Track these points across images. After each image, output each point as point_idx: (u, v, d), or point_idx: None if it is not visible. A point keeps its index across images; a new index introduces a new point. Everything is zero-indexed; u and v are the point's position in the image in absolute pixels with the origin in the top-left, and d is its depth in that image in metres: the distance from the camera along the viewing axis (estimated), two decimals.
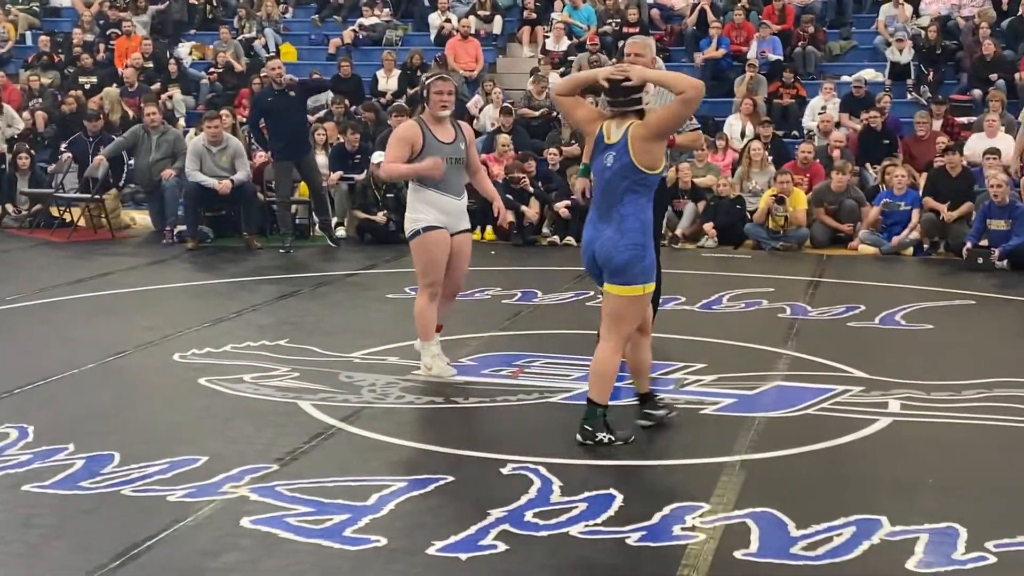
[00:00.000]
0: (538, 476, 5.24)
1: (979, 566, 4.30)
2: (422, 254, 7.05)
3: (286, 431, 5.98)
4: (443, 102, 7.07)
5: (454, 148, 7.11)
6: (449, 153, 7.07)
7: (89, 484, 5.17)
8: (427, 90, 7.11)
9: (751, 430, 6.02)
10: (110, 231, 13.77)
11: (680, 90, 5.65)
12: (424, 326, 7.10)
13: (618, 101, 5.73)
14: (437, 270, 7.06)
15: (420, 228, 7.02)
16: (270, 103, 12.76)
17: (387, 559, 4.37)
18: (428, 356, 7.10)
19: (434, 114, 7.10)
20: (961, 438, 5.94)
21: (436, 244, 7.03)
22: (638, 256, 5.64)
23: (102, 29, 20.43)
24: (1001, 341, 8.52)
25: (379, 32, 19.89)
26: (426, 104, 7.14)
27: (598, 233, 5.73)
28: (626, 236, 5.64)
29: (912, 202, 12.61)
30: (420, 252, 7.06)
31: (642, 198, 5.70)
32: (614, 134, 5.72)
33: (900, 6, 17.79)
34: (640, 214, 5.68)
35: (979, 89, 15.69)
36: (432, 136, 7.04)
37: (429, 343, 7.11)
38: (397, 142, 7.11)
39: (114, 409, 6.44)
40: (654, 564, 4.33)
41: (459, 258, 7.20)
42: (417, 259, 7.11)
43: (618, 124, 5.73)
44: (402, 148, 7.04)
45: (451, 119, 7.21)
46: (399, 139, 7.11)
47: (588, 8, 18.96)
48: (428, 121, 7.12)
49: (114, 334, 8.31)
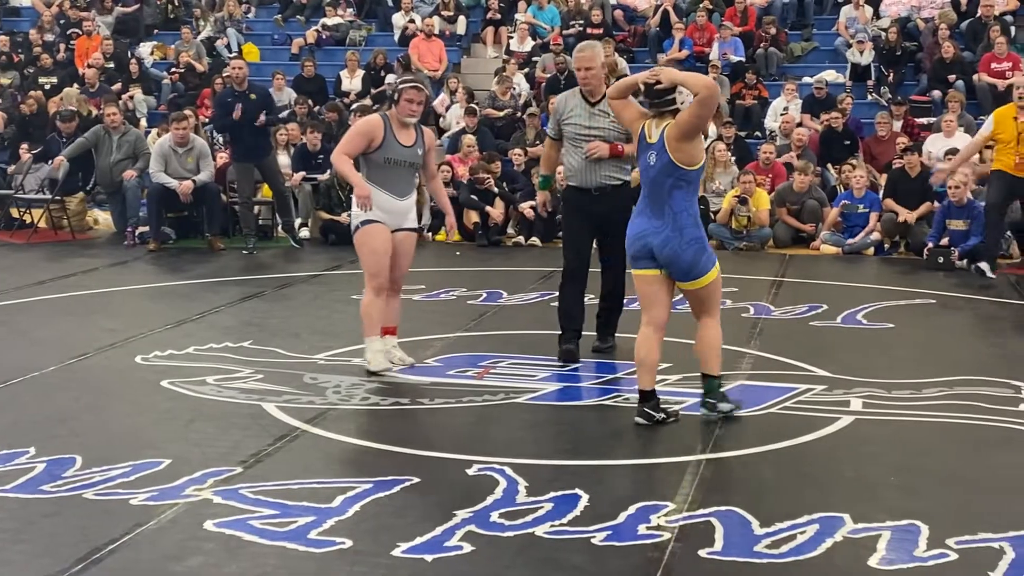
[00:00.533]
0: (504, 477, 5.24)
1: (940, 563, 4.34)
2: (362, 246, 7.15)
3: (250, 433, 5.95)
4: (412, 111, 7.13)
5: (412, 152, 7.16)
6: (406, 156, 7.13)
7: (51, 488, 5.12)
8: (399, 94, 7.12)
9: (715, 429, 6.05)
10: (71, 232, 13.65)
11: (695, 91, 5.97)
12: (369, 321, 7.17)
13: (654, 103, 6.10)
14: (379, 261, 7.13)
15: (359, 223, 7.11)
16: (230, 104, 12.69)
17: (352, 561, 4.35)
18: (370, 352, 7.18)
19: (401, 119, 7.12)
20: (922, 436, 6.00)
21: (373, 236, 7.10)
22: (700, 249, 6.05)
23: (62, 29, 20.27)
24: (961, 340, 8.61)
25: (343, 32, 19.84)
26: (395, 106, 7.14)
27: (651, 227, 6.08)
28: (684, 233, 6.01)
29: (871, 204, 12.72)
30: (360, 245, 7.17)
31: (688, 192, 6.08)
32: (654, 133, 6.09)
33: (860, 8, 17.94)
34: (690, 208, 6.08)
35: (938, 90, 15.84)
36: (393, 136, 7.06)
37: (372, 339, 7.17)
38: (356, 134, 7.15)
39: (76, 412, 6.39)
40: (620, 563, 4.35)
41: (399, 255, 7.27)
42: (359, 253, 7.21)
43: (657, 124, 6.10)
44: (360, 141, 7.08)
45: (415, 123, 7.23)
46: (358, 132, 7.15)
47: (552, 9, 18.99)
48: (393, 121, 7.14)
49: (75, 336, 8.24)
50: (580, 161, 7.37)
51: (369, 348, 7.18)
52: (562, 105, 7.47)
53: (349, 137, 7.19)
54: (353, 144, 7.11)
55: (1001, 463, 5.60)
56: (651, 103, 6.11)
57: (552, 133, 7.63)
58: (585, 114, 7.33)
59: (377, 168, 7.12)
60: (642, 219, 6.15)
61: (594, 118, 7.31)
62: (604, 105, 7.18)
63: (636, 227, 6.18)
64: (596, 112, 7.30)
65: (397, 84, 7.27)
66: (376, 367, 7.12)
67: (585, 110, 7.33)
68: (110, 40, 19.18)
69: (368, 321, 7.18)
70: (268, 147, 13.14)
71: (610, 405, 6.56)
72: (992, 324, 9.22)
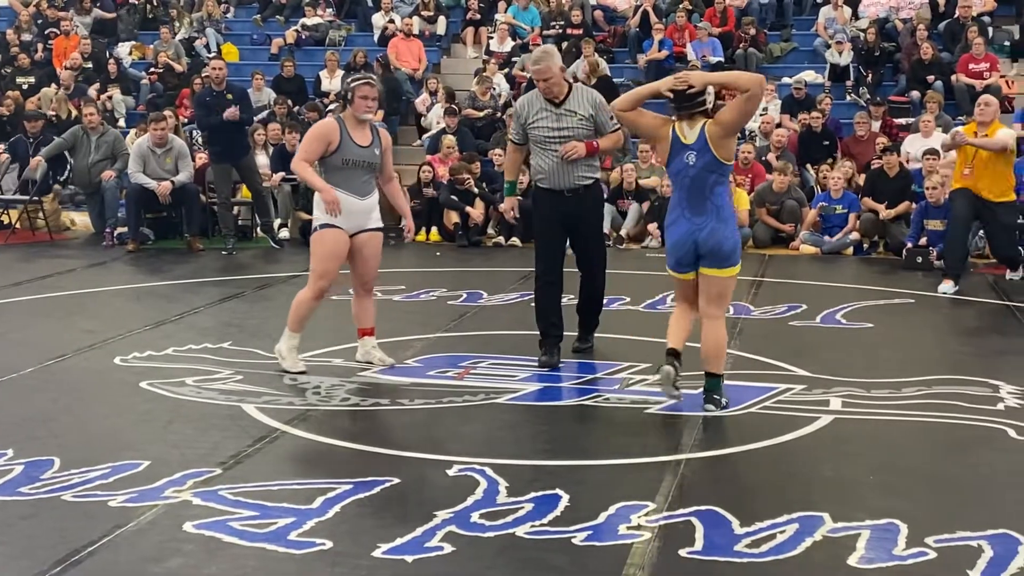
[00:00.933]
0: (484, 477, 5.24)
1: (919, 561, 4.36)
2: (317, 247, 7.18)
3: (229, 434, 5.93)
4: (367, 107, 7.12)
5: (369, 152, 7.16)
6: (364, 157, 7.13)
7: (28, 490, 5.09)
8: (352, 92, 7.11)
9: (695, 429, 6.06)
10: (49, 233, 13.59)
11: (744, 88, 6.12)
12: (297, 316, 7.22)
13: (684, 107, 6.27)
14: (328, 265, 7.14)
15: (317, 225, 7.14)
16: (209, 103, 12.64)
17: (332, 562, 4.34)
18: (286, 346, 7.23)
19: (357, 116, 7.11)
20: (901, 435, 6.02)
21: (329, 241, 7.12)
22: (738, 240, 6.38)
23: (40, 29, 20.16)
24: (940, 339, 8.65)
25: (322, 32, 19.79)
26: (349, 105, 7.13)
27: (693, 226, 6.29)
28: (728, 224, 6.30)
29: (849, 205, 12.77)
30: (314, 247, 7.21)
31: (726, 187, 6.40)
32: (689, 134, 6.26)
33: (839, 8, 18.02)
34: (729, 202, 6.41)
35: (917, 90, 15.92)
36: (349, 138, 7.06)
37: (293, 334, 7.23)
38: (313, 139, 7.13)
39: (54, 413, 6.35)
40: (600, 563, 4.35)
41: (365, 255, 7.27)
42: (312, 252, 7.24)
43: (690, 125, 6.27)
44: (318, 145, 7.07)
45: (370, 123, 7.21)
46: (316, 136, 7.13)
47: (533, 10, 19.01)
48: (348, 122, 7.12)
49: (53, 337, 8.20)
50: (552, 163, 7.29)
51: (286, 341, 7.23)
52: (525, 109, 7.37)
53: (307, 143, 7.15)
54: (312, 149, 7.08)
55: (980, 462, 5.63)
56: (681, 107, 6.26)
57: (516, 138, 7.50)
58: (552, 116, 7.25)
59: (336, 170, 7.10)
60: (681, 223, 6.34)
61: (562, 119, 7.24)
62: (570, 104, 7.22)
63: (677, 233, 6.35)
64: (563, 112, 7.24)
65: (349, 83, 7.24)
66: (289, 365, 7.16)
67: (551, 112, 7.25)
68: (88, 40, 19.09)
69: (296, 316, 7.22)
70: (246, 147, 13.09)
71: (590, 405, 6.57)
72: (970, 324, 9.28)
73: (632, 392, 6.79)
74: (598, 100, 7.31)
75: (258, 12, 20.97)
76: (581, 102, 7.26)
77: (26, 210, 13.73)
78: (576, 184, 7.33)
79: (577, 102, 7.26)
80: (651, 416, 6.33)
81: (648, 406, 6.47)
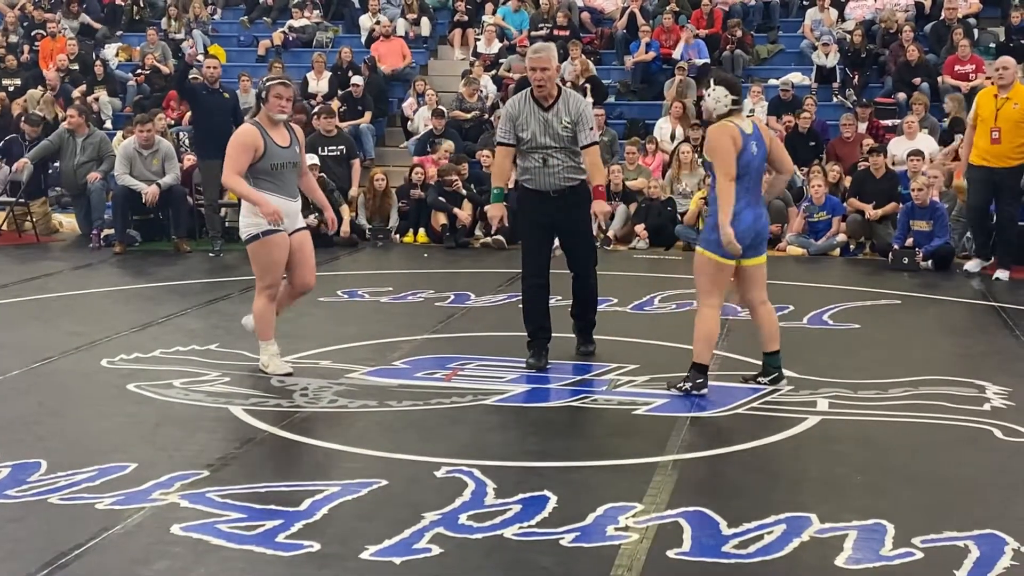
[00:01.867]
0: (472, 479, 5.24)
1: (906, 562, 4.37)
2: (262, 257, 7.13)
3: (217, 436, 5.93)
4: (282, 107, 7.12)
5: (291, 152, 7.18)
6: (288, 157, 7.15)
7: (15, 492, 5.08)
8: (266, 92, 7.11)
9: (683, 430, 6.07)
10: (36, 235, 13.54)
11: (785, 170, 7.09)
12: (264, 326, 7.22)
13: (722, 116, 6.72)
14: (276, 272, 7.17)
15: (259, 232, 7.07)
16: (206, 96, 12.63)
17: (320, 564, 4.34)
18: (266, 355, 7.24)
19: (271, 117, 7.11)
20: (888, 436, 6.04)
21: (276, 247, 7.10)
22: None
23: (27, 30, 20.10)
24: (926, 340, 8.68)
25: (309, 34, 19.77)
26: (264, 104, 7.13)
27: (757, 213, 6.67)
28: (767, 211, 6.88)
29: (832, 210, 12.81)
30: (260, 255, 7.13)
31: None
32: (747, 125, 6.67)
33: (826, 10, 18.06)
34: None
35: (903, 92, 15.97)
36: (271, 140, 7.08)
37: (268, 342, 7.24)
38: (239, 151, 7.03)
39: (41, 416, 6.34)
40: (588, 565, 4.35)
41: (303, 254, 7.28)
42: (256, 262, 7.18)
43: (739, 119, 6.66)
44: (246, 155, 7.02)
45: (284, 123, 7.22)
46: (241, 146, 7.04)
47: (522, 11, 19.01)
48: (265, 124, 7.12)
49: (40, 340, 8.18)
50: (537, 164, 7.28)
51: (264, 352, 7.26)
52: (516, 109, 7.32)
53: (234, 155, 7.04)
54: (240, 161, 7.02)
55: (966, 462, 5.65)
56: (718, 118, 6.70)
57: (507, 139, 7.37)
58: (540, 121, 7.22)
59: (265, 175, 7.07)
60: (749, 211, 6.62)
61: (548, 125, 7.22)
62: (557, 108, 7.20)
63: (748, 219, 6.60)
64: (550, 117, 7.22)
65: (264, 83, 7.23)
66: (275, 370, 7.17)
67: (539, 117, 7.23)
68: (75, 41, 19.03)
69: (264, 326, 7.23)
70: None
71: (578, 406, 6.57)
72: (956, 324, 9.30)
73: (620, 393, 6.80)
74: (583, 110, 7.27)
75: (245, 14, 20.94)
76: (567, 108, 7.24)
77: (12, 212, 13.68)
78: (562, 185, 7.31)
79: (564, 107, 7.24)
80: (639, 417, 6.34)
81: (636, 407, 6.48)
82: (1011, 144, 10.77)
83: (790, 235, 12.88)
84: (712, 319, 6.69)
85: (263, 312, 7.22)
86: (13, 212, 13.69)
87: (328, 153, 13.58)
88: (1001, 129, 10.73)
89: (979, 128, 10.94)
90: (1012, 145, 10.77)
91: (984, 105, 10.98)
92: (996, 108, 10.78)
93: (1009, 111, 10.74)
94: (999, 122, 10.73)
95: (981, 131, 10.91)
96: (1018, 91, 10.86)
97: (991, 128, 10.77)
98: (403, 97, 17.55)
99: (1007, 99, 10.78)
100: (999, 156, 10.79)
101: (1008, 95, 10.79)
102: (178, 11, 20.36)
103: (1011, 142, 10.77)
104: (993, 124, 10.75)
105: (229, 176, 7.05)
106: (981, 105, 11.03)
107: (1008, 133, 10.75)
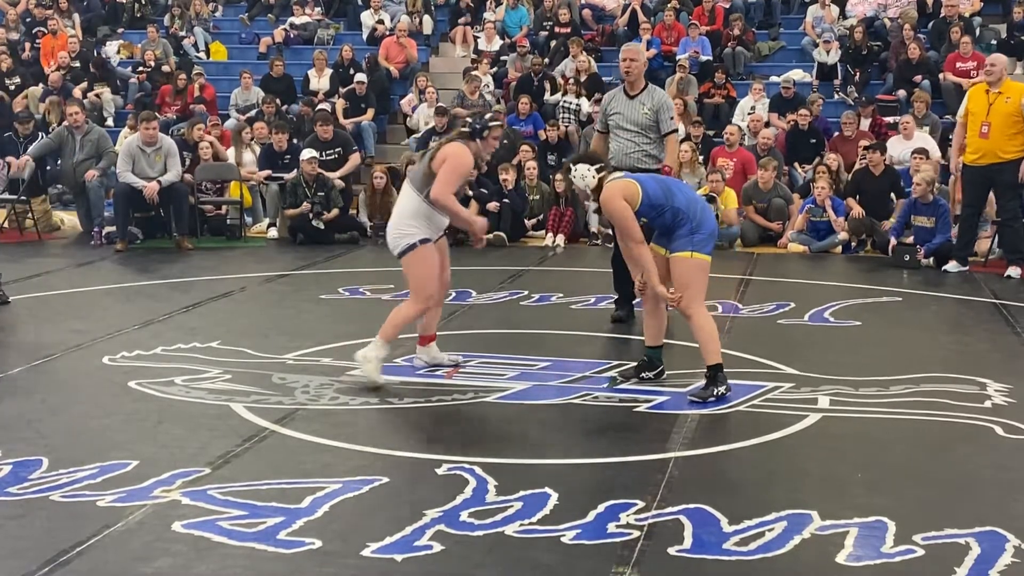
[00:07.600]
0: (473, 476, 5.25)
1: (907, 559, 4.38)
2: (419, 268, 6.95)
3: (218, 434, 5.93)
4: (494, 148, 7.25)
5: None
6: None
7: (17, 490, 5.08)
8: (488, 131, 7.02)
9: (684, 427, 6.07)
10: (37, 233, 13.55)
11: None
12: (394, 331, 6.96)
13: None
14: (435, 279, 7.05)
15: (415, 242, 6.92)
16: None
17: (322, 561, 4.35)
18: (373, 354, 6.88)
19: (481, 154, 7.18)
20: (889, 433, 6.04)
21: (431, 259, 6.99)
22: None
23: (28, 28, 20.10)
24: (927, 337, 8.67)
25: (310, 31, 19.78)
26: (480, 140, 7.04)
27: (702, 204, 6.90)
28: None
29: (835, 210, 12.78)
30: (417, 266, 6.95)
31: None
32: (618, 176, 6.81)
33: (827, 7, 18.06)
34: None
35: (904, 90, 15.96)
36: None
37: (386, 344, 6.95)
38: (465, 172, 7.04)
39: (42, 414, 6.34)
40: (589, 562, 4.36)
41: (444, 257, 7.25)
42: (414, 273, 6.98)
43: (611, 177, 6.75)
44: (463, 180, 7.36)
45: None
46: (467, 170, 7.06)
47: (523, 9, 19.00)
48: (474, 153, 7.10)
49: (42, 337, 8.18)
50: (619, 146, 8.43)
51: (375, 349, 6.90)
52: (607, 101, 8.65)
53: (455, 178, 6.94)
54: (457, 184, 7.00)
55: (967, 459, 5.65)
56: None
57: (599, 126, 8.73)
58: (625, 107, 8.42)
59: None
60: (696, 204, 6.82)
61: (631, 108, 8.40)
62: (642, 98, 8.42)
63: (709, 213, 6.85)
64: (635, 104, 8.41)
65: (488, 121, 7.06)
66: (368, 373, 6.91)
67: (625, 103, 8.44)
68: (75, 38, 19.03)
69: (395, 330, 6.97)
70: None
71: (579, 404, 6.57)
72: (957, 322, 9.31)
73: (621, 390, 6.80)
74: (665, 101, 8.51)
75: (246, 11, 20.94)
76: (651, 99, 8.44)
77: (13, 210, 13.68)
78: (637, 167, 8.04)
79: (648, 98, 8.44)
80: (640, 414, 6.34)
81: (637, 404, 6.48)
82: (1001, 137, 10.86)
83: (791, 232, 12.88)
84: (709, 318, 6.73)
85: (408, 318, 6.98)
86: (14, 210, 13.68)
87: (326, 157, 13.71)
88: (991, 124, 10.89)
89: (970, 124, 11.06)
90: (1003, 138, 10.87)
91: (975, 100, 11.12)
92: (988, 103, 10.94)
93: (1001, 105, 10.88)
94: (990, 116, 10.89)
95: (972, 127, 11.02)
96: (1009, 86, 11.04)
97: (982, 122, 10.93)
98: (405, 94, 17.54)
99: (999, 93, 10.93)
100: (990, 152, 10.90)
101: (1000, 90, 10.95)
102: (181, 9, 20.36)
103: (1001, 136, 10.87)
104: (984, 118, 10.90)
105: (447, 195, 6.87)
106: (972, 100, 11.16)
107: (998, 127, 10.87)
